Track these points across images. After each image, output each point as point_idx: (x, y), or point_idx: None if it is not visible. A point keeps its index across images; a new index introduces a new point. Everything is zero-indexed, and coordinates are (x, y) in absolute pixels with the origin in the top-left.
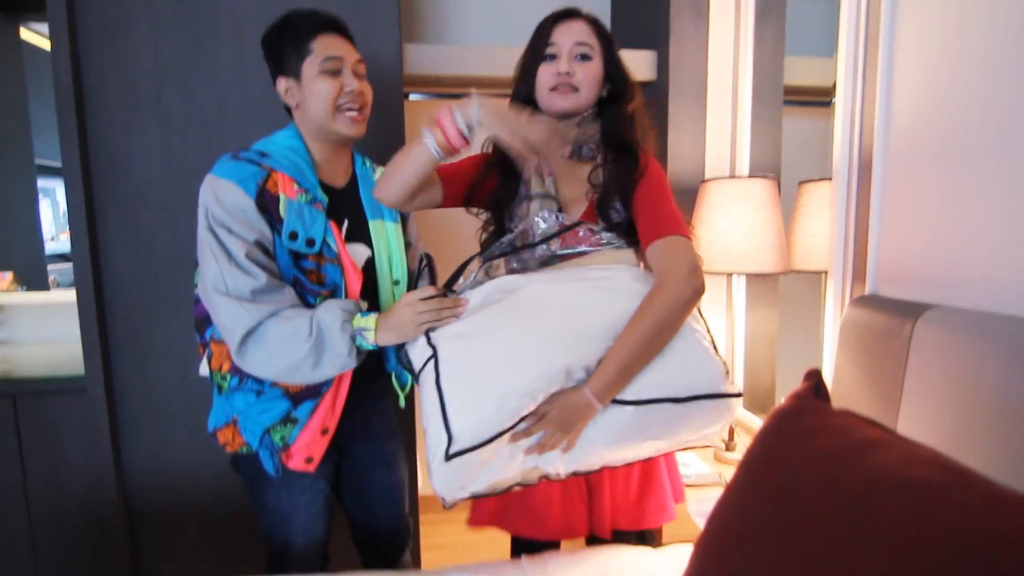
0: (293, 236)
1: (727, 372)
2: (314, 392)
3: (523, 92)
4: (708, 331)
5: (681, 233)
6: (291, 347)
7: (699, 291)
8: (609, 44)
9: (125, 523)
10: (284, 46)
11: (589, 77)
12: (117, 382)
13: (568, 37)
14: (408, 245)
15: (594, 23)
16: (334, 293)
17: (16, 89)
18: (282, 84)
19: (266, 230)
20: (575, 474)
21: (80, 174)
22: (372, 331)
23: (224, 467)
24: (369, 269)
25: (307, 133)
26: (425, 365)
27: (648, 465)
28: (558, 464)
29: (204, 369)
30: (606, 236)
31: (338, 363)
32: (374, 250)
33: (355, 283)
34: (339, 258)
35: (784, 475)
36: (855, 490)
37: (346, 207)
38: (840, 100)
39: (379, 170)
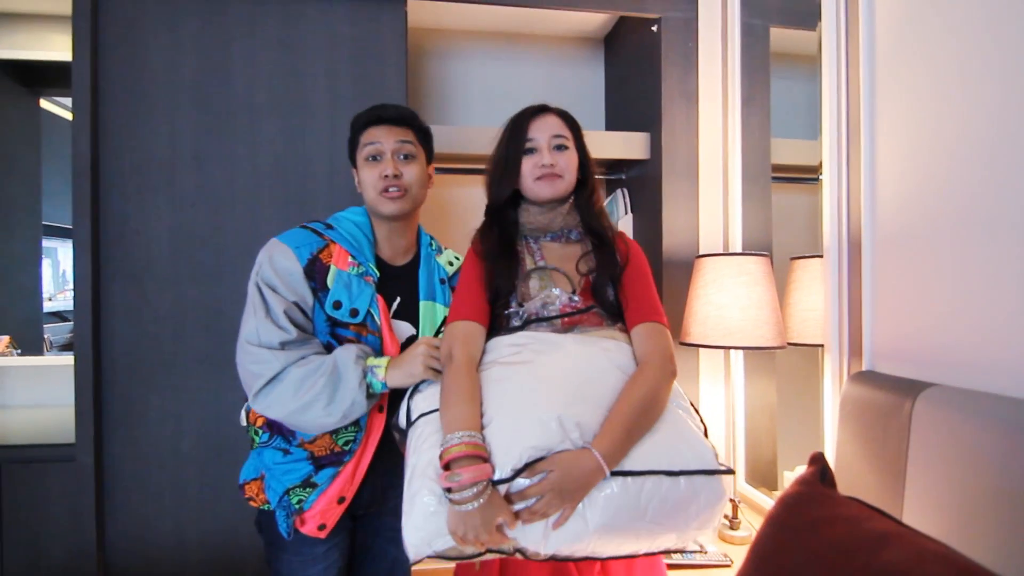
0: (337, 305)
1: (716, 454)
2: (336, 460)
3: (508, 185)
4: (701, 420)
5: (660, 321)
6: (308, 383)
7: (674, 374)
8: (578, 132)
9: None
10: (350, 142)
11: (569, 164)
12: (107, 451)
13: (544, 131)
14: None
15: (564, 115)
16: None
17: (31, 155)
18: (355, 175)
19: (307, 296)
20: (554, 558)
21: (90, 242)
22: (383, 368)
23: (209, 546)
24: None
25: (370, 213)
26: (431, 412)
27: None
28: (540, 541)
29: (243, 419)
30: (605, 317)
31: (349, 397)
32: (419, 330)
33: (393, 355)
34: (381, 331)
35: (795, 567)
36: None
37: (401, 285)
38: (826, 181)
39: (446, 252)
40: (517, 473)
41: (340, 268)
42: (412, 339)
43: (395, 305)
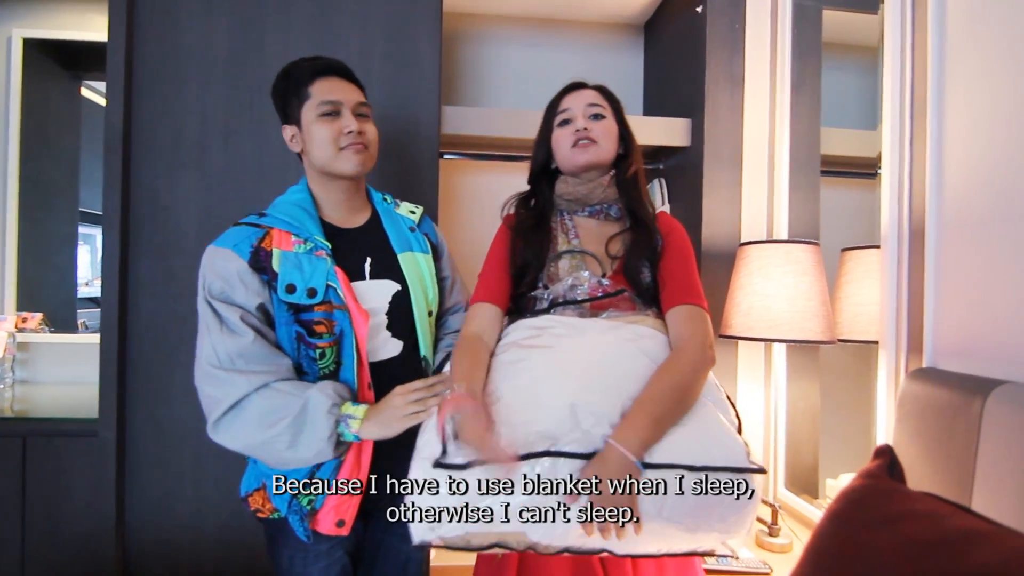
0: (290, 289)
1: (748, 452)
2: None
3: (540, 159)
4: (736, 415)
5: (700, 304)
6: (272, 418)
7: (711, 361)
8: (618, 106)
9: None
10: (286, 95)
11: (606, 131)
12: (130, 428)
13: (580, 101)
14: (443, 279)
15: (601, 89)
16: (342, 340)
17: (71, 141)
18: (288, 132)
19: (264, 290)
20: (567, 551)
21: (119, 219)
22: (359, 420)
23: (227, 527)
24: (404, 303)
25: (314, 178)
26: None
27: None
28: (549, 535)
29: None
30: (639, 302)
31: (315, 447)
32: (408, 283)
33: (362, 328)
34: (347, 304)
35: (864, 566)
36: None
37: (367, 245)
38: (886, 164)
39: (403, 205)
40: (525, 458)
41: (284, 249)
42: (399, 295)
43: (367, 265)
